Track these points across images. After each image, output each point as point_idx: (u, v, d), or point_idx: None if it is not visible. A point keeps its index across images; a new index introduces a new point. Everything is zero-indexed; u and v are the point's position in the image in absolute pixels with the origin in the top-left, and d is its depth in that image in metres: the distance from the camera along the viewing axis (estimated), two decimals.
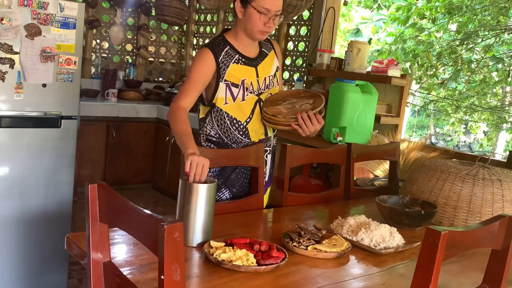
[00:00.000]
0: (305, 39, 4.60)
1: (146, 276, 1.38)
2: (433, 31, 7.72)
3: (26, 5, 2.76)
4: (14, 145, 2.86)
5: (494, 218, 1.38)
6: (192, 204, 1.63)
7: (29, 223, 2.95)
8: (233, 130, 2.25)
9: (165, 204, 5.01)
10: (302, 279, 1.47)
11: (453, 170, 2.13)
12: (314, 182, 3.71)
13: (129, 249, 1.56)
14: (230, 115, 2.23)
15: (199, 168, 1.76)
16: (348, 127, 3.33)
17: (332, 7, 4.27)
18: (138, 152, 5.26)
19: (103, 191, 1.31)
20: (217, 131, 2.27)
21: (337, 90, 3.37)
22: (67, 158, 3.04)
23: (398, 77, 3.52)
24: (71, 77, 2.97)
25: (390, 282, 1.53)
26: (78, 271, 3.40)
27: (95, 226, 1.32)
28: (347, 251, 1.66)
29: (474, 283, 1.52)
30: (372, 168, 3.32)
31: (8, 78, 2.77)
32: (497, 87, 7.96)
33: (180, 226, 1.10)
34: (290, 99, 2.13)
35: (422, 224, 2.02)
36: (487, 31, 6.86)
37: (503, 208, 2.01)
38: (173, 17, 5.62)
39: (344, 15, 9.42)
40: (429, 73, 7.57)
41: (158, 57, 6.10)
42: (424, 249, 1.18)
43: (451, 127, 11.00)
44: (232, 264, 1.44)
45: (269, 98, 2.27)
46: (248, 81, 2.24)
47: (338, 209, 2.33)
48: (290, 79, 4.77)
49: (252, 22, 2.16)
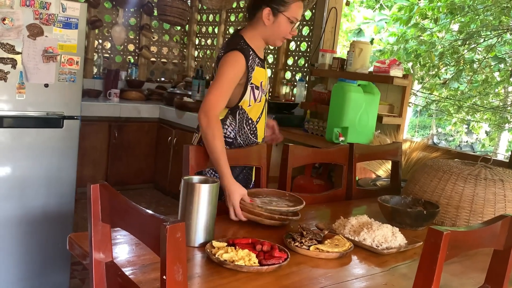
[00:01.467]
0: (307, 39, 4.60)
1: (148, 276, 1.38)
2: (435, 31, 7.72)
3: (28, 5, 2.76)
4: (16, 145, 2.87)
5: (496, 218, 1.37)
6: (194, 204, 1.63)
7: (31, 223, 2.96)
8: (246, 130, 2.28)
9: (167, 204, 5.01)
10: (304, 279, 1.47)
11: (455, 170, 2.13)
12: (316, 182, 3.71)
13: (131, 249, 1.56)
14: (249, 116, 2.28)
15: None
16: (350, 127, 3.33)
17: (334, 7, 4.27)
18: (140, 152, 5.26)
19: (105, 191, 1.31)
20: (236, 133, 2.27)
21: (339, 90, 3.37)
22: (69, 158, 3.05)
23: (400, 77, 3.52)
24: (73, 77, 2.97)
25: (392, 282, 1.53)
26: (80, 271, 3.40)
27: (97, 226, 1.32)
28: (349, 251, 1.66)
29: (476, 283, 1.52)
30: (374, 168, 3.32)
31: (10, 78, 2.77)
32: (499, 87, 7.95)
33: (182, 226, 1.10)
34: (271, 196, 2.08)
35: (424, 224, 2.02)
36: (489, 31, 6.85)
37: (505, 208, 2.01)
38: (175, 17, 5.62)
39: (346, 15, 9.42)
40: (431, 73, 7.56)
41: (160, 57, 6.10)
42: (426, 249, 1.18)
43: (453, 127, 10.98)
44: (234, 264, 1.44)
45: (251, 190, 2.10)
46: (264, 82, 2.31)
47: (340, 209, 2.33)
48: (292, 79, 4.78)
49: (281, 30, 2.22)
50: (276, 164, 3.70)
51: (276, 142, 2.62)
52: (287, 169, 2.27)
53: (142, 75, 5.87)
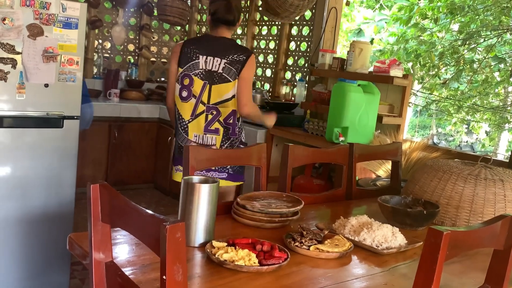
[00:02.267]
0: (307, 39, 4.60)
1: (148, 276, 1.38)
2: (435, 31, 7.72)
3: (28, 5, 2.76)
4: (16, 145, 2.87)
5: (496, 218, 1.37)
6: (194, 204, 1.63)
7: (31, 223, 2.96)
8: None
9: (167, 204, 5.01)
10: (304, 279, 1.47)
11: (455, 170, 2.13)
12: (316, 182, 3.71)
13: (131, 249, 1.56)
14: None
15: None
16: (350, 127, 3.33)
17: (334, 7, 4.27)
18: (140, 152, 5.26)
19: (105, 191, 1.31)
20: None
21: (339, 90, 3.37)
22: (69, 158, 3.05)
23: (400, 77, 3.52)
24: (73, 77, 2.97)
25: (392, 282, 1.53)
26: (80, 271, 3.40)
27: (97, 226, 1.32)
28: (349, 251, 1.66)
29: (476, 283, 1.52)
30: (374, 168, 3.32)
31: (10, 78, 2.77)
32: (499, 87, 7.95)
33: (182, 226, 1.10)
34: (269, 199, 2.08)
35: (424, 224, 2.02)
36: (489, 31, 6.85)
37: (505, 208, 2.01)
38: (175, 17, 5.62)
39: (346, 15, 9.42)
40: (431, 73, 7.56)
41: (160, 57, 6.10)
42: (426, 249, 1.18)
43: (453, 127, 10.99)
44: (234, 264, 1.44)
45: (249, 195, 2.10)
46: None
47: (340, 209, 2.33)
48: (292, 79, 4.78)
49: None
50: (276, 164, 3.71)
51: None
52: (287, 169, 2.27)
53: (142, 75, 5.87)
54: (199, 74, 2.74)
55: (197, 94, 2.74)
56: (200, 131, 2.78)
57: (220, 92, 2.73)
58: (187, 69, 2.76)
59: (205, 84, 2.74)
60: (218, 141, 2.78)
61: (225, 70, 2.71)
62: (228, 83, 2.71)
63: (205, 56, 2.73)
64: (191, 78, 2.75)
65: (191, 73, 2.75)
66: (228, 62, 2.69)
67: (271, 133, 4.00)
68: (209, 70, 2.73)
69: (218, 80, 2.72)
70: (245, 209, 1.90)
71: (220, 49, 2.74)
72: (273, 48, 5.01)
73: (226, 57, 2.71)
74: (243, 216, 1.89)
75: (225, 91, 2.73)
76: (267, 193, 2.11)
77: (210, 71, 2.73)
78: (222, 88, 2.73)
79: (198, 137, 2.78)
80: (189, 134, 2.80)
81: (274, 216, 1.88)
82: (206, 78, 2.73)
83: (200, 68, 2.73)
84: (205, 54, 2.73)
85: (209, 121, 2.76)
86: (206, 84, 2.74)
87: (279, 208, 1.93)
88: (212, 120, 2.76)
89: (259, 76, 5.15)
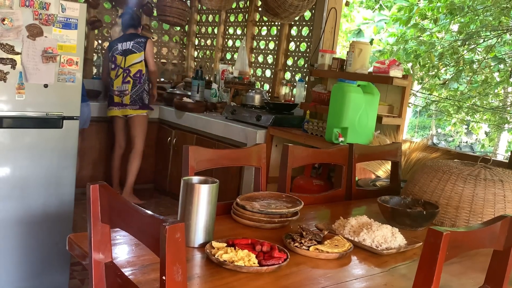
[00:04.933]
0: (307, 40, 4.60)
1: (147, 277, 1.38)
2: (434, 32, 7.73)
3: (28, 5, 2.76)
4: (16, 146, 2.87)
5: (495, 219, 1.37)
6: (194, 204, 1.63)
7: (31, 224, 2.96)
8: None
9: (167, 204, 5.01)
10: (303, 280, 1.47)
11: (455, 171, 2.13)
12: (315, 182, 3.71)
13: (130, 250, 1.56)
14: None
15: None
16: (350, 127, 3.33)
17: (334, 8, 4.27)
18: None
19: (104, 192, 1.31)
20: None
21: (338, 90, 3.37)
22: (68, 159, 3.05)
23: (400, 78, 3.52)
24: (73, 78, 2.97)
25: (392, 282, 1.53)
26: (80, 272, 3.40)
27: (96, 226, 1.32)
28: (349, 251, 1.66)
29: (476, 283, 1.52)
30: (374, 169, 3.32)
31: (9, 78, 2.77)
32: (498, 88, 7.96)
33: (181, 227, 1.10)
34: (269, 199, 2.08)
35: (424, 225, 2.02)
36: (488, 31, 6.86)
37: (505, 208, 2.01)
38: (175, 17, 5.62)
39: (346, 15, 9.43)
40: (430, 73, 7.57)
41: (160, 57, 6.10)
42: (426, 249, 1.18)
43: (452, 128, 11.00)
44: (234, 265, 1.44)
45: (249, 195, 2.09)
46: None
47: (340, 209, 2.33)
48: (292, 80, 4.78)
49: None
50: (276, 164, 3.71)
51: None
52: (286, 169, 2.27)
53: None
54: (120, 53, 4.64)
55: (118, 63, 4.60)
56: (119, 83, 4.58)
57: (131, 59, 4.59)
58: (113, 52, 4.67)
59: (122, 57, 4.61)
60: (129, 87, 4.56)
61: (134, 47, 4.57)
62: (135, 54, 4.57)
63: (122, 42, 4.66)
64: (114, 56, 4.64)
65: (115, 53, 4.64)
66: (135, 43, 4.60)
67: (270, 133, 4.00)
68: (125, 49, 4.60)
69: (129, 53, 4.58)
70: (244, 210, 1.90)
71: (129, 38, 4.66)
72: (272, 48, 5.01)
73: (133, 41, 4.62)
74: (242, 217, 1.89)
75: (133, 59, 4.59)
76: (266, 194, 2.11)
77: (124, 50, 4.59)
78: (132, 57, 4.60)
79: (120, 86, 4.57)
80: (114, 86, 4.60)
81: (273, 216, 1.88)
82: (123, 53, 4.59)
83: (119, 49, 4.62)
84: (123, 41, 4.67)
85: (124, 76, 4.56)
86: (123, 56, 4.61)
87: (279, 208, 1.93)
88: (126, 75, 4.56)
89: (259, 77, 5.15)
